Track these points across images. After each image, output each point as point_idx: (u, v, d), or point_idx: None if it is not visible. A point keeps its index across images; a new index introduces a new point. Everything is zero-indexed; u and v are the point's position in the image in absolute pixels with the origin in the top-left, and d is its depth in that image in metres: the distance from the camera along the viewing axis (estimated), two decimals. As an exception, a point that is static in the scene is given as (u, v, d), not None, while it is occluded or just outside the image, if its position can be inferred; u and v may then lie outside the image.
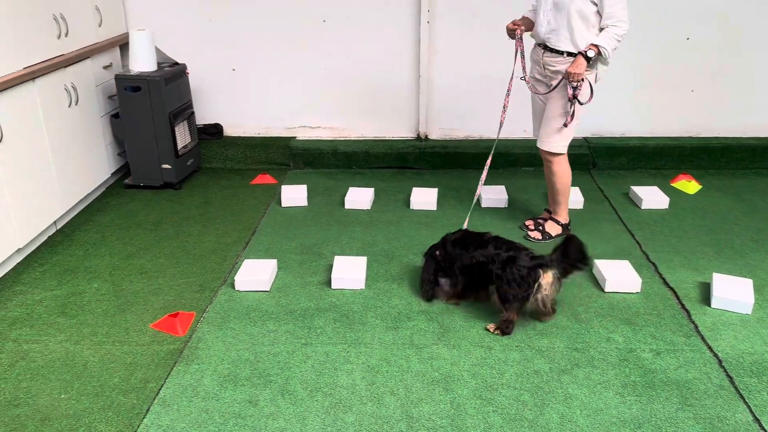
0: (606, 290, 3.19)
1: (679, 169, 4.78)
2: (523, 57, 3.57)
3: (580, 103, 3.35)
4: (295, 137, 5.03)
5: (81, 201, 4.12)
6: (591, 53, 3.20)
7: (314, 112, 4.98)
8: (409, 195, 4.26)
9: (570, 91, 3.30)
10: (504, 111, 3.67)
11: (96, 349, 2.78)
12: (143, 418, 2.38)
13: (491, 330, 2.87)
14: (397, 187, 4.52)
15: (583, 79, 3.27)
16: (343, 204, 4.22)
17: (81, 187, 4.03)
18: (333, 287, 3.21)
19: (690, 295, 3.17)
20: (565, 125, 3.44)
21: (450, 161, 4.86)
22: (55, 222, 3.84)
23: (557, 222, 3.76)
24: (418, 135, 4.98)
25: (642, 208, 4.15)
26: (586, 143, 4.86)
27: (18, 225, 3.38)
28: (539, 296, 2.79)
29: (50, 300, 3.14)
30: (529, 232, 3.78)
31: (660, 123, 4.94)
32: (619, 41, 3.21)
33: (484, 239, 2.98)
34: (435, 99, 4.88)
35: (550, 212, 3.85)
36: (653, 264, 3.47)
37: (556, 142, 3.51)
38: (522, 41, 3.57)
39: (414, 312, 3.03)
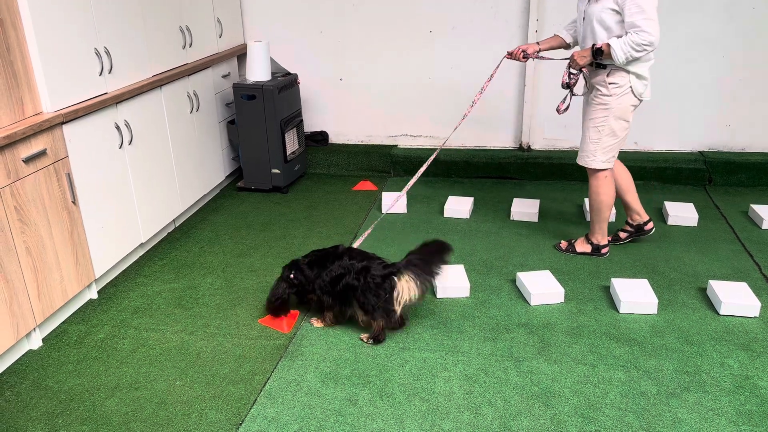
0: (721, 313, 3.02)
1: (807, 187, 4.45)
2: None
3: (573, 94, 3.33)
4: (396, 145, 5.11)
5: (198, 201, 4.39)
6: (600, 51, 3.12)
7: (416, 120, 5.05)
8: (510, 206, 4.22)
9: (565, 76, 3.27)
10: (471, 105, 3.71)
11: (209, 340, 2.95)
12: (250, 408, 2.51)
13: (365, 340, 2.88)
14: (497, 197, 4.49)
15: (581, 70, 3.23)
16: (442, 212, 4.24)
17: (198, 188, 4.30)
18: (438, 296, 3.23)
19: (817, 323, 2.94)
20: (558, 111, 3.39)
21: (553, 172, 4.77)
22: (174, 220, 4.11)
23: (589, 241, 3.61)
24: (521, 145, 4.92)
25: (762, 228, 3.89)
26: (702, 157, 4.62)
27: (142, 221, 3.65)
28: (400, 300, 2.79)
29: (168, 292, 3.37)
30: (562, 241, 3.71)
31: (786, 138, 4.62)
32: (638, 50, 3.04)
33: (338, 252, 2.96)
34: (539, 109, 4.81)
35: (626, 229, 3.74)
36: (775, 288, 3.25)
37: (593, 156, 3.36)
38: (527, 59, 3.54)
39: (513, 324, 3.00)
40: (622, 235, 3.73)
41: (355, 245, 3.24)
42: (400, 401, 2.52)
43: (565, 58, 3.36)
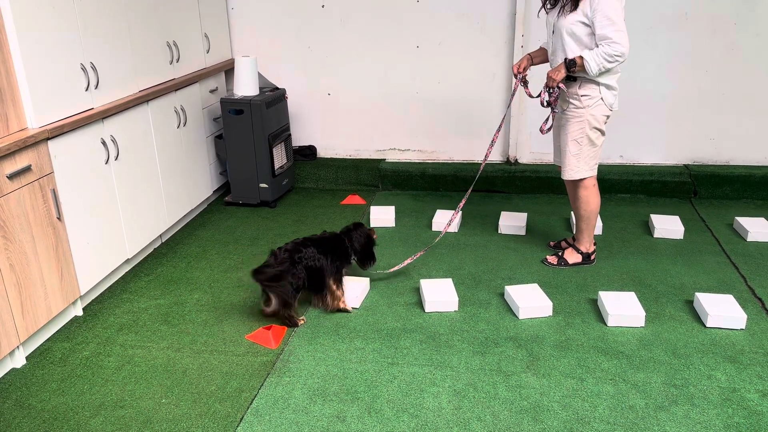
0: (708, 325, 3.03)
1: (790, 199, 4.50)
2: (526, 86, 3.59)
3: (554, 111, 3.35)
4: (384, 159, 5.12)
5: (185, 216, 4.37)
6: (573, 62, 3.17)
7: (404, 134, 5.06)
8: (498, 219, 4.23)
9: (544, 95, 3.31)
10: (491, 145, 3.69)
11: (195, 357, 2.92)
12: (237, 426, 2.48)
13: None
14: (484, 210, 4.50)
15: (558, 87, 3.27)
16: (430, 226, 4.25)
17: (185, 203, 4.28)
18: (427, 310, 3.22)
19: (802, 335, 2.96)
20: (541, 131, 3.42)
21: (540, 186, 4.79)
22: (160, 235, 4.08)
23: (578, 250, 3.64)
24: (508, 159, 4.95)
25: (747, 240, 3.93)
26: (687, 171, 4.66)
27: (128, 237, 3.62)
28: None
29: (154, 309, 3.34)
30: (548, 257, 3.70)
31: (768, 151, 4.68)
32: (610, 61, 3.11)
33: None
34: (527, 123, 4.84)
35: (573, 240, 3.75)
36: (759, 299, 3.26)
37: (576, 168, 3.42)
38: (524, 80, 3.55)
39: (502, 338, 3.00)
40: (563, 244, 3.80)
41: (405, 264, 3.57)
42: (388, 417, 2.51)
43: (531, 97, 3.39)
